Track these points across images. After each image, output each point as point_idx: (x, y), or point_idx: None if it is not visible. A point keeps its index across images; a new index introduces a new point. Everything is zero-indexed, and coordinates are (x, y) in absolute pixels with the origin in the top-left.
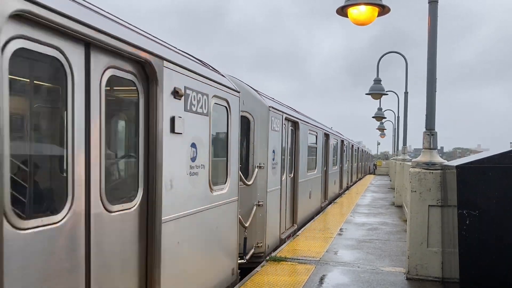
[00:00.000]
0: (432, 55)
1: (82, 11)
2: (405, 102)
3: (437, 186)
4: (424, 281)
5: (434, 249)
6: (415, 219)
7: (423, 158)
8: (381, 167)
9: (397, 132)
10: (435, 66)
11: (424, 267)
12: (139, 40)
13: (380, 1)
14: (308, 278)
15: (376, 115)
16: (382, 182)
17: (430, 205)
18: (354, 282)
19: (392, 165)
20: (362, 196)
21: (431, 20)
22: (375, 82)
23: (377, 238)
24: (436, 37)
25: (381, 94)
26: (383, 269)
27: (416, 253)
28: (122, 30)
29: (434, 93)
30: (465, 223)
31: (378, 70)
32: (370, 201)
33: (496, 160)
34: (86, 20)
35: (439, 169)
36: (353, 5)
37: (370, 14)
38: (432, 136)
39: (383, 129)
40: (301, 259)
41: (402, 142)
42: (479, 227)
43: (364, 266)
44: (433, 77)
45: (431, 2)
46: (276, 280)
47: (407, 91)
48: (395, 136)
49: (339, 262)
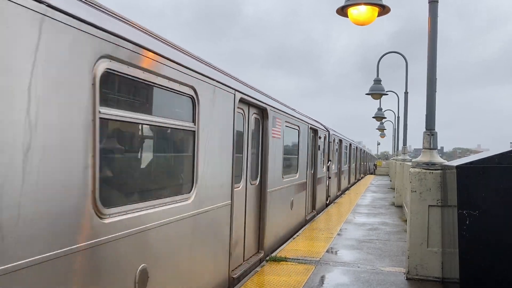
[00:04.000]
0: (432, 55)
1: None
2: (405, 102)
3: (437, 186)
4: (424, 281)
5: (434, 249)
6: (415, 219)
7: (423, 158)
8: (381, 167)
9: (397, 132)
10: (435, 66)
11: (424, 267)
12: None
13: (380, 1)
14: (308, 278)
15: (376, 115)
16: (382, 182)
17: (430, 205)
18: (354, 282)
19: (392, 165)
20: (362, 196)
21: (431, 20)
22: (375, 82)
23: (377, 238)
24: (436, 37)
25: (381, 94)
26: (383, 269)
27: (416, 253)
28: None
29: (434, 93)
30: (465, 223)
31: (378, 70)
32: (370, 201)
33: (496, 160)
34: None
35: (439, 169)
36: (353, 5)
37: (370, 14)
38: (432, 136)
39: (383, 129)
40: (301, 259)
41: (402, 142)
42: (479, 227)
43: (364, 266)
44: (433, 77)
45: (431, 2)
46: (276, 280)
47: (407, 91)
48: (395, 136)
49: (339, 262)
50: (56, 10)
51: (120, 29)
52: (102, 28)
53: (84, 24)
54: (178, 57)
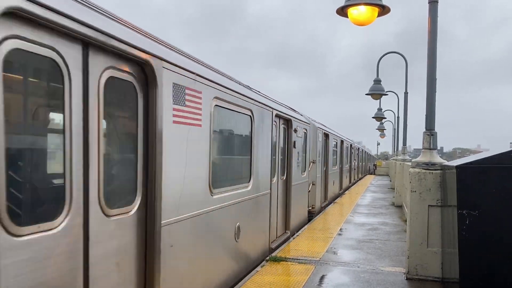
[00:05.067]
0: (432, 55)
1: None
2: (405, 102)
3: (437, 186)
4: (424, 281)
5: (434, 249)
6: (415, 219)
7: (423, 158)
8: (381, 167)
9: (397, 132)
10: (435, 66)
11: (424, 267)
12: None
13: (380, 1)
14: (308, 278)
15: (376, 115)
16: (382, 182)
17: (430, 205)
18: (354, 282)
19: (392, 165)
20: (362, 196)
21: (431, 20)
22: (375, 82)
23: (377, 238)
24: (436, 37)
25: (381, 94)
26: (383, 269)
27: (416, 253)
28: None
29: (434, 93)
30: (465, 223)
31: (378, 70)
32: (370, 201)
33: (496, 160)
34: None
35: (439, 169)
36: (353, 5)
37: (370, 14)
38: (432, 136)
39: (383, 129)
40: (301, 259)
41: (402, 142)
42: (479, 227)
43: (364, 266)
44: (433, 77)
45: (431, 2)
46: (276, 280)
47: (406, 91)
48: (395, 136)
49: (339, 262)
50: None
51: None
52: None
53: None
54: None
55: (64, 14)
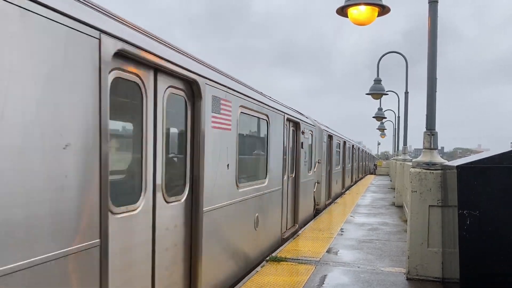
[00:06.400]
0: (432, 55)
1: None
2: (405, 102)
3: (437, 186)
4: (424, 281)
5: (434, 249)
6: (415, 219)
7: (424, 158)
8: (382, 167)
9: (397, 132)
10: (435, 65)
11: (424, 267)
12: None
13: (380, 1)
14: (308, 278)
15: (377, 115)
16: (383, 182)
17: (430, 205)
18: (354, 282)
19: (393, 165)
20: (362, 196)
21: (431, 20)
22: (375, 82)
23: (377, 238)
24: (436, 37)
25: (381, 94)
26: (383, 269)
27: (416, 253)
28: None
29: (435, 93)
30: (465, 223)
31: (378, 70)
32: (371, 201)
33: (497, 160)
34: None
35: (440, 169)
36: (353, 5)
37: (370, 14)
38: (432, 136)
39: (383, 129)
40: (301, 259)
41: (402, 142)
42: (480, 227)
43: (364, 266)
44: (433, 76)
45: (431, 2)
46: (276, 280)
47: (407, 91)
48: (396, 136)
49: (339, 262)
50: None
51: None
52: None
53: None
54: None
55: (146, 50)
